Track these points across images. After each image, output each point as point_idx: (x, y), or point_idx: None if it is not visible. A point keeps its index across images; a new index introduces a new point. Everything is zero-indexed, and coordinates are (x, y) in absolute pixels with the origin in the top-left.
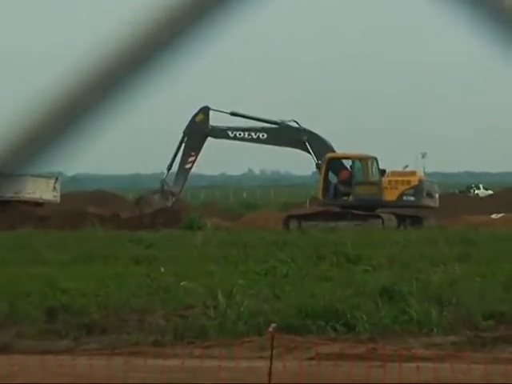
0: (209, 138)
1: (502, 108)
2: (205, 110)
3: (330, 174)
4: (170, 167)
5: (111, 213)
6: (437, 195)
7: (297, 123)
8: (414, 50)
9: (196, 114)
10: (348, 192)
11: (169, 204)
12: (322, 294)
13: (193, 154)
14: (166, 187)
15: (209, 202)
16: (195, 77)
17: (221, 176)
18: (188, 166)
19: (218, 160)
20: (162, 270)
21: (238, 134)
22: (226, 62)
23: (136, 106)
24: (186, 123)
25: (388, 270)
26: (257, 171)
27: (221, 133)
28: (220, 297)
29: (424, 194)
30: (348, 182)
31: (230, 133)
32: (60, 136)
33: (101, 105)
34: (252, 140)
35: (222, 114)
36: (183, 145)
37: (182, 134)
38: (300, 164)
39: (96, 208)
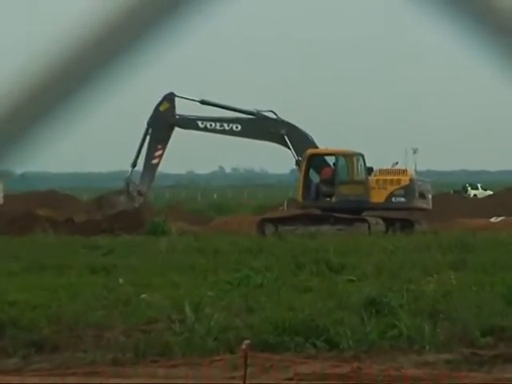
0: (176, 130)
1: (501, 101)
2: (170, 98)
3: (311, 173)
4: (134, 164)
5: (64, 216)
6: (430, 196)
7: (274, 114)
8: (403, 40)
9: (160, 103)
10: (331, 192)
11: (136, 205)
12: (300, 307)
13: (159, 147)
14: (131, 186)
15: (174, 203)
16: (162, 65)
17: (188, 174)
18: (155, 161)
19: (185, 156)
20: (121, 281)
21: (208, 125)
22: (196, 48)
23: (99, 98)
24: (150, 113)
25: (375, 279)
26: (228, 169)
27: (189, 123)
28: (187, 310)
29: (416, 194)
30: (331, 182)
31: (199, 123)
32: (21, 131)
33: (65, 98)
34: (224, 132)
35: (191, 103)
36: (148, 138)
37: (145, 126)
38: (277, 161)
39: (47, 210)
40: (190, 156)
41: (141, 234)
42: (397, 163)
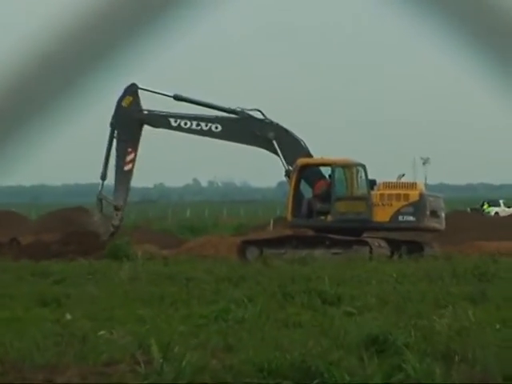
0: (144, 131)
1: None
2: (132, 90)
3: (303, 186)
4: (104, 175)
5: (7, 237)
6: (443, 214)
7: (262, 114)
8: (415, 38)
9: (122, 97)
10: (326, 210)
11: (116, 223)
12: (289, 346)
13: (130, 149)
14: (105, 203)
15: (140, 222)
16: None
17: (157, 188)
18: (128, 167)
19: (153, 167)
20: (69, 316)
21: (183, 124)
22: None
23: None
24: (112, 112)
25: (377, 313)
26: (204, 182)
27: (160, 120)
28: (154, 348)
29: (426, 212)
30: (326, 197)
31: (172, 121)
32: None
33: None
34: (201, 132)
35: (167, 101)
36: (114, 142)
37: (109, 128)
38: (261, 172)
39: None
40: (159, 166)
41: (99, 259)
42: (403, 175)
